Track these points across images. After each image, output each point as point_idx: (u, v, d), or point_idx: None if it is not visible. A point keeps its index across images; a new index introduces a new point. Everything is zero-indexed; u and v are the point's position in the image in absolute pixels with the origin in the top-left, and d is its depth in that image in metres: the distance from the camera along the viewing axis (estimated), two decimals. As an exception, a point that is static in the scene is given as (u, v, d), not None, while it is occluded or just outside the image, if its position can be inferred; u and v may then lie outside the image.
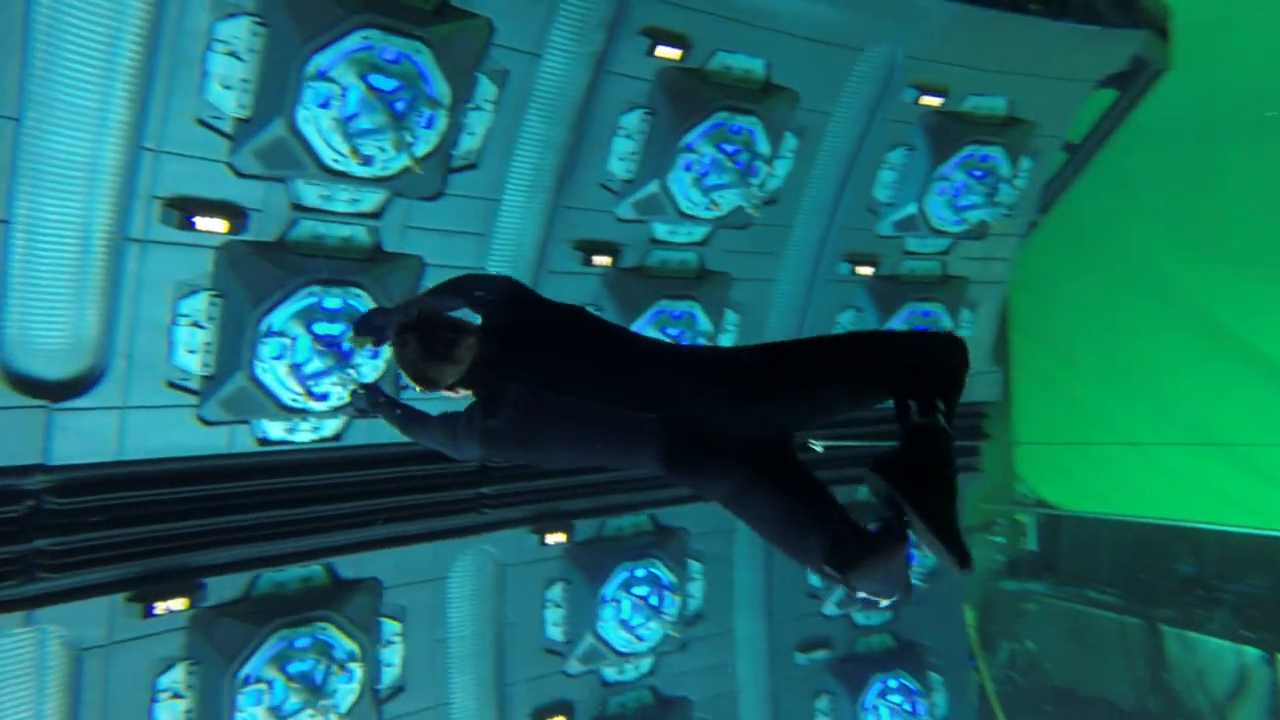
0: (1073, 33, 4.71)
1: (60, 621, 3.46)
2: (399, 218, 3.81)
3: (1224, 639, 9.33)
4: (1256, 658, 9.15)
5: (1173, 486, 8.85)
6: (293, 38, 3.07)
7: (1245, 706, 9.11)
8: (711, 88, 4.11)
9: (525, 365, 2.23)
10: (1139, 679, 9.79)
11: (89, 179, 3.13)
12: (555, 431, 2.25)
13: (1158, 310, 8.73)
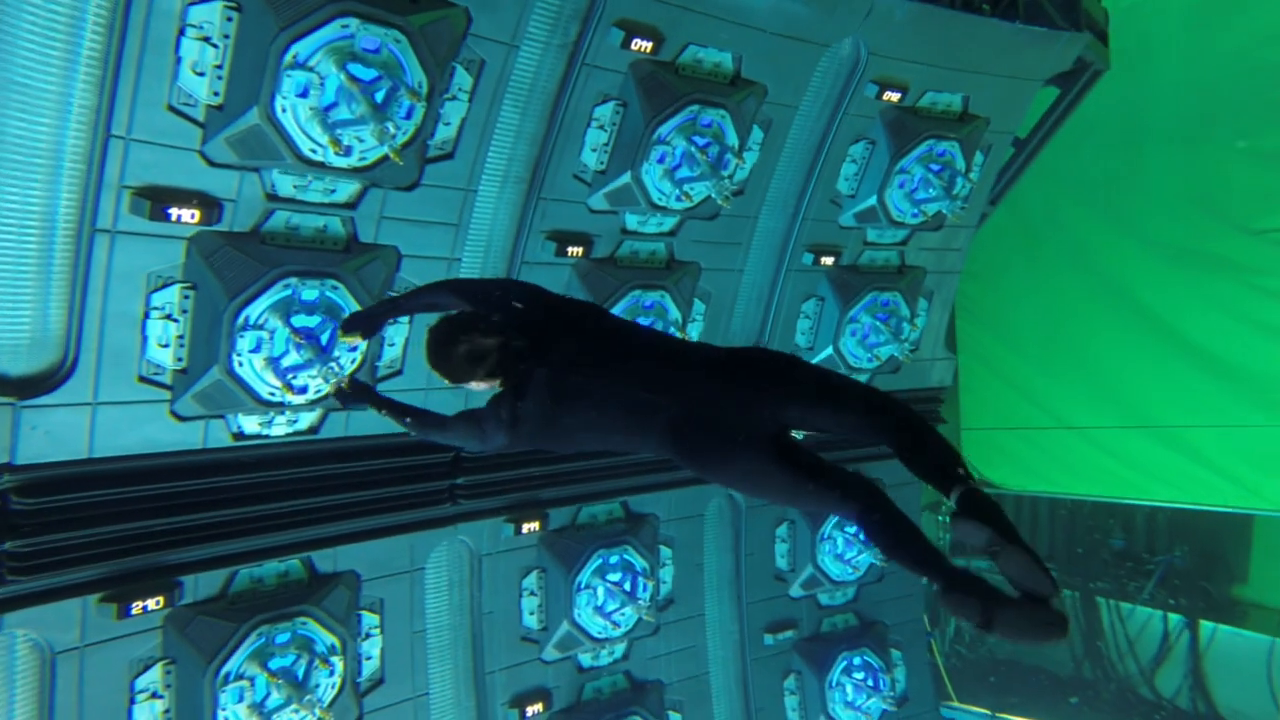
0: (1022, 34, 4.86)
1: (30, 625, 3.33)
2: (375, 208, 3.74)
3: (1152, 608, 9.78)
4: (1179, 623, 9.63)
5: (1107, 465, 9.25)
6: (269, 24, 2.98)
7: (1169, 668, 9.58)
8: (683, 81, 4.14)
9: (552, 355, 2.41)
10: (1075, 648, 10.18)
11: (54, 167, 3.01)
12: (579, 412, 2.42)
13: (1094, 298, 9.12)
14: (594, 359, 2.42)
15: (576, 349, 2.44)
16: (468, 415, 2.59)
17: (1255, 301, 8.46)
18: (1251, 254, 8.43)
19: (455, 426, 2.64)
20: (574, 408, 2.42)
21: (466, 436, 2.61)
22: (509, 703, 4.82)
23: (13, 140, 2.89)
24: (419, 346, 3.60)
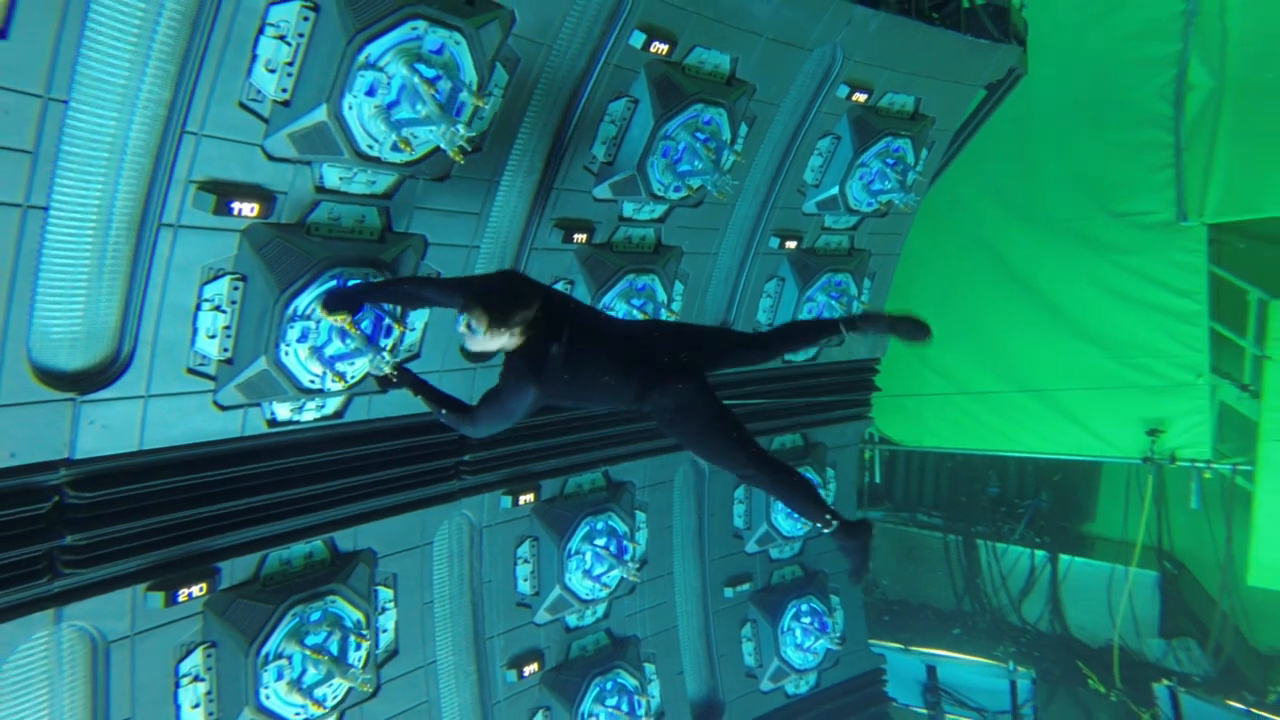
0: (968, 44, 5.50)
1: (86, 616, 3.38)
2: (409, 198, 3.90)
3: (1022, 546, 11.19)
4: (1043, 558, 11.08)
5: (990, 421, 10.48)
6: (346, 25, 3.09)
7: (1034, 598, 11.02)
8: (690, 80, 4.48)
9: (559, 333, 3.18)
10: (957, 586, 11.49)
11: (117, 161, 3.02)
12: (583, 379, 3.26)
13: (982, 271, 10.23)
14: (585, 339, 3.25)
15: (572, 331, 3.21)
16: (491, 395, 3.28)
17: (1117, 276, 9.78)
18: (1115, 234, 9.72)
19: (481, 410, 3.31)
20: (578, 375, 3.24)
21: (492, 414, 3.29)
22: (507, 664, 5.17)
23: (79, 134, 2.88)
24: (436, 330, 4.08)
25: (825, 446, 6.84)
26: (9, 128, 2.61)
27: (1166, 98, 9.49)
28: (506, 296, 3.12)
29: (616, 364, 3.33)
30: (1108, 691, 9.70)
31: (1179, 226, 9.54)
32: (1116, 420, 9.90)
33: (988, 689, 8.41)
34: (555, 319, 3.20)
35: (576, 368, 3.23)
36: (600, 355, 3.32)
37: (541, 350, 3.15)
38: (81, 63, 2.72)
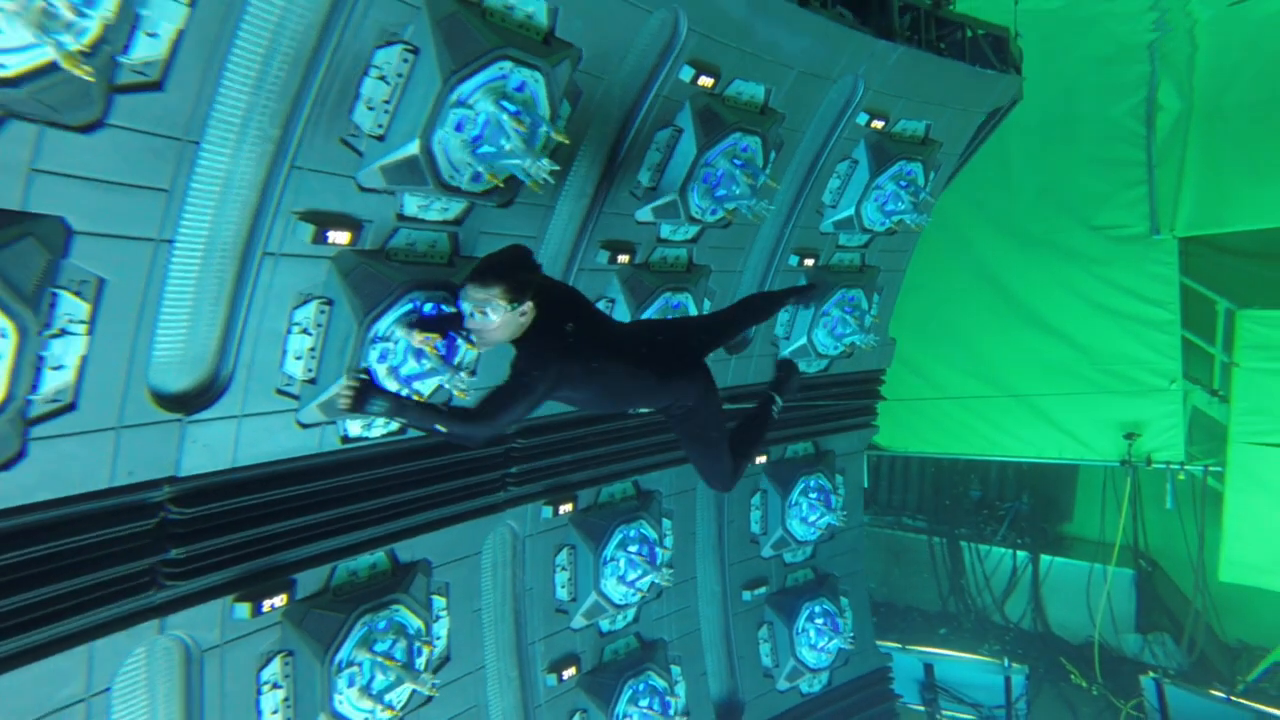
0: (975, 74, 5.90)
1: (183, 626, 3.55)
2: (476, 224, 4.14)
3: (1004, 547, 11.67)
4: (1025, 559, 11.58)
5: (975, 426, 10.97)
6: (442, 66, 3.34)
7: (1016, 597, 11.51)
8: (729, 110, 4.79)
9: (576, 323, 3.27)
10: (942, 587, 11.94)
11: (235, 195, 3.22)
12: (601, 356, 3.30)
13: (967, 282, 10.73)
14: (596, 324, 3.42)
15: (581, 313, 3.36)
16: (502, 389, 3.16)
17: (1094, 286, 10.35)
18: (1092, 246, 10.29)
19: (490, 407, 3.14)
20: (595, 361, 3.27)
21: (505, 407, 3.13)
22: (547, 669, 5.40)
23: (202, 172, 3.09)
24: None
25: (834, 454, 7.20)
26: (155, 169, 2.81)
27: (1138, 117, 10.09)
28: (514, 263, 3.11)
29: (632, 354, 3.41)
30: (1089, 686, 10.19)
31: (1152, 240, 10.15)
32: (1095, 425, 10.45)
33: (983, 685, 8.83)
34: (560, 299, 3.28)
35: (592, 353, 3.24)
36: (614, 343, 3.39)
37: (556, 328, 3.15)
38: (214, 107, 2.92)
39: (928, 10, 5.88)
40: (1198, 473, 10.10)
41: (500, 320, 3.05)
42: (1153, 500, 10.60)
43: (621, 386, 3.48)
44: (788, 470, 6.79)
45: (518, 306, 3.05)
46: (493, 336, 3.12)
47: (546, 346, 3.12)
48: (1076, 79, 10.11)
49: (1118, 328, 10.11)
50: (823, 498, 6.77)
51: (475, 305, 3.04)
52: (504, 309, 3.03)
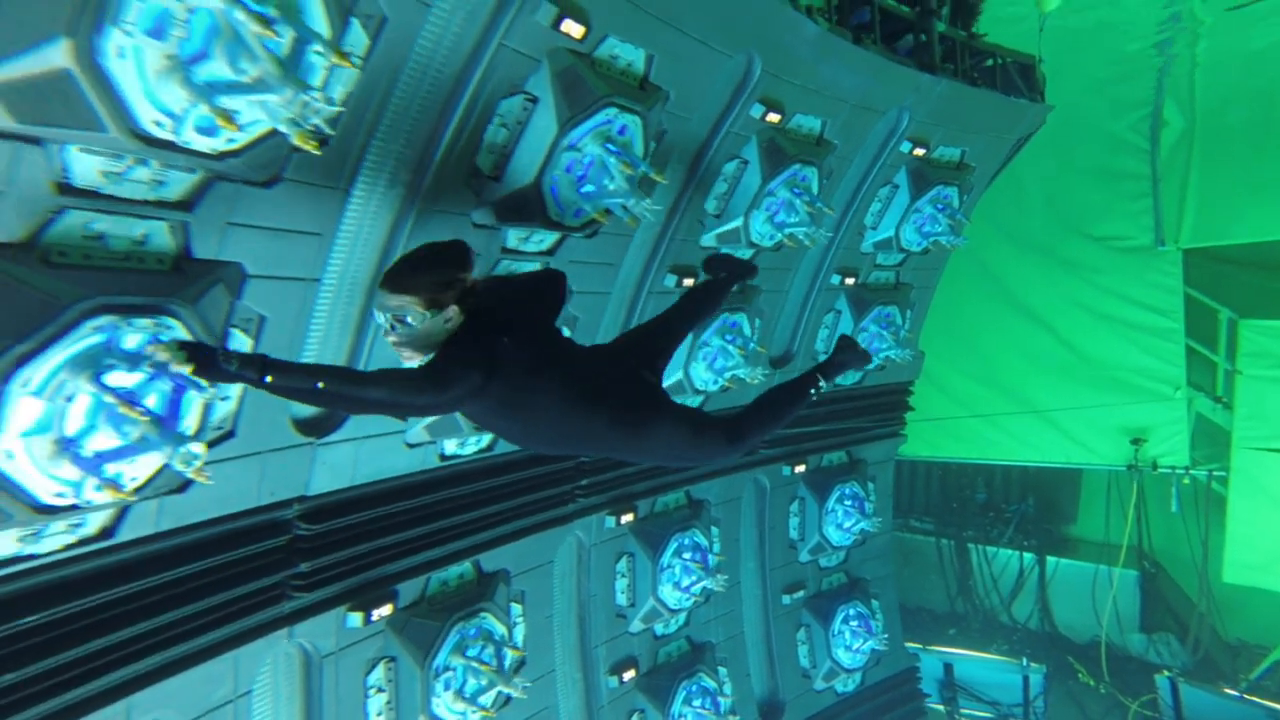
0: (1008, 102, 6.28)
1: (306, 635, 3.84)
2: (565, 255, 4.45)
3: (1010, 549, 12.09)
4: (1031, 560, 12.00)
5: (984, 432, 11.37)
6: (559, 114, 3.64)
7: (1023, 598, 11.92)
8: (791, 143, 5.13)
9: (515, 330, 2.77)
10: (950, 589, 12.33)
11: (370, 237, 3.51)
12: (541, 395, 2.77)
13: (981, 292, 11.14)
14: (541, 341, 2.84)
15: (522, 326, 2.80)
16: (409, 372, 2.59)
17: (1098, 296, 10.80)
18: (1094, 256, 10.74)
19: (386, 382, 2.55)
20: (535, 387, 2.72)
21: (404, 391, 2.55)
22: (609, 671, 5.72)
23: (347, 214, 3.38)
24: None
25: (867, 463, 7.56)
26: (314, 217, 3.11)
27: (1141, 133, 10.55)
28: (435, 257, 2.67)
29: (584, 384, 2.83)
30: (1097, 684, 10.61)
31: (1156, 251, 10.61)
32: (1101, 431, 10.89)
33: (1001, 684, 9.22)
34: (501, 309, 2.77)
35: (526, 375, 2.69)
36: (563, 370, 2.82)
37: (489, 340, 2.64)
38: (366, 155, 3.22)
39: (962, 41, 6.25)
40: (1202, 477, 10.58)
41: (422, 328, 2.61)
42: (1156, 503, 11.06)
43: (557, 426, 2.86)
44: (824, 478, 7.15)
45: (439, 313, 2.60)
46: (414, 346, 2.69)
47: (471, 354, 2.59)
48: (1081, 96, 10.53)
49: (1123, 336, 10.59)
50: (857, 505, 7.13)
51: (389, 314, 2.61)
52: (422, 315, 2.59)
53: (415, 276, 2.62)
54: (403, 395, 2.56)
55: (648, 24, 3.86)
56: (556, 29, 3.43)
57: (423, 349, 2.70)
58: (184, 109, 2.27)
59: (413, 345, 2.70)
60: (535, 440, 3.09)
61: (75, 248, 2.46)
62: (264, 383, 2.37)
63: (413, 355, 2.74)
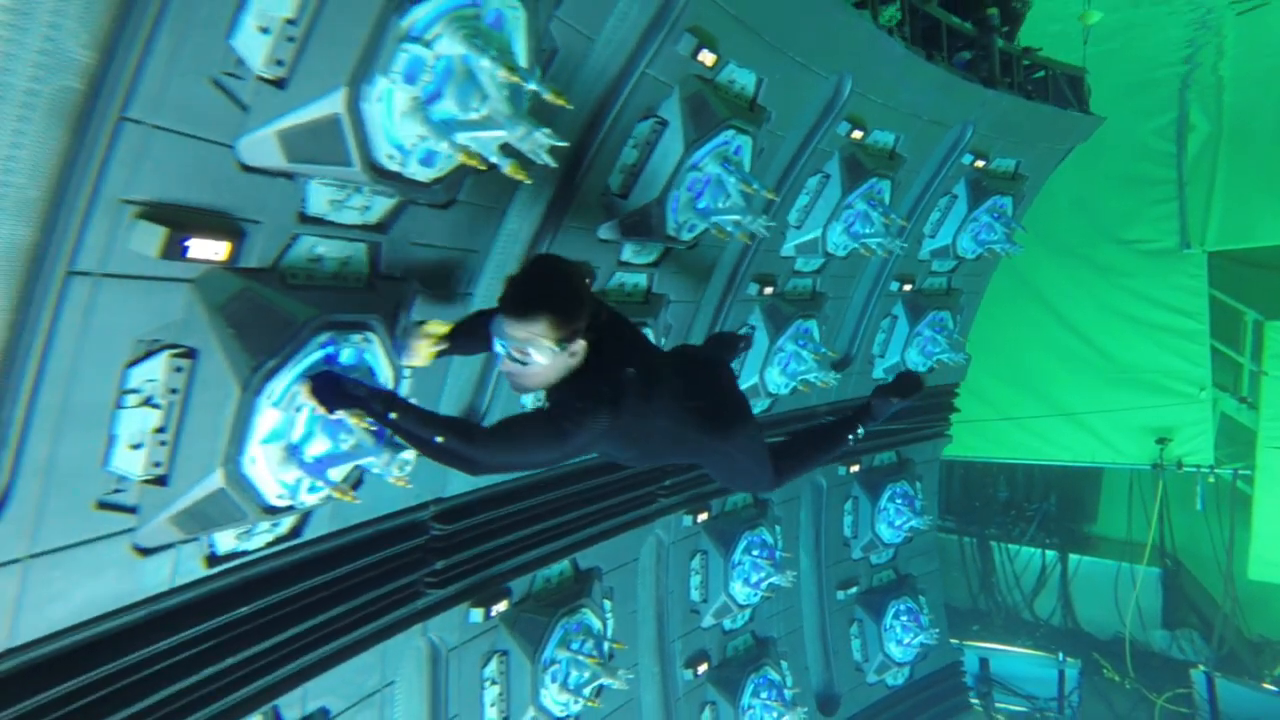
0: (1061, 114, 6.58)
1: (436, 630, 4.10)
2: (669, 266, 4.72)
3: (1032, 546, 12.42)
4: (1053, 558, 12.33)
5: (1013, 433, 11.69)
6: (685, 136, 3.91)
7: (1045, 595, 12.25)
8: (869, 158, 5.41)
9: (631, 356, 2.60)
10: (972, 585, 12.65)
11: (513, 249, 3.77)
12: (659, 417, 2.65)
13: (1007, 292, 11.46)
14: (653, 359, 2.71)
15: (635, 346, 2.67)
16: (526, 425, 2.40)
17: (1124, 298, 11.15)
18: (1121, 259, 11.08)
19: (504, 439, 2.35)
20: (652, 412, 2.58)
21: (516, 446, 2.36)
22: (684, 664, 6.00)
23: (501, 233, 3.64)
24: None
25: (914, 462, 7.87)
26: (475, 235, 3.36)
27: (1167, 138, 10.89)
28: (569, 282, 2.39)
29: (688, 395, 2.74)
30: (1122, 680, 10.94)
31: (1181, 253, 10.95)
32: (1128, 431, 11.24)
33: (1037, 678, 9.55)
34: (613, 331, 2.57)
35: (649, 405, 2.55)
36: (670, 391, 2.67)
37: (612, 373, 2.44)
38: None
39: (1017, 55, 6.54)
40: (1227, 476, 10.93)
41: (546, 364, 2.36)
42: (1178, 502, 11.41)
43: (668, 446, 2.83)
44: (876, 478, 7.45)
45: (567, 346, 2.36)
46: (531, 383, 2.44)
47: (597, 394, 2.38)
48: (1108, 102, 10.83)
49: (1149, 338, 10.94)
50: (908, 503, 7.44)
51: (515, 345, 2.33)
52: (550, 350, 2.33)
53: (549, 304, 2.31)
54: (527, 457, 2.41)
55: (762, 49, 4.13)
56: (694, 58, 3.69)
57: (542, 385, 2.45)
58: (413, 144, 2.52)
59: (533, 381, 2.43)
60: (642, 460, 3.06)
61: (302, 270, 2.72)
62: (387, 419, 2.34)
63: (528, 390, 2.49)
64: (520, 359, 2.36)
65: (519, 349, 2.34)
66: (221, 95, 2.18)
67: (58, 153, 1.92)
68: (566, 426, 2.34)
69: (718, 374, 3.28)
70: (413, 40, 2.32)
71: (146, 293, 2.28)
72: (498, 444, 2.35)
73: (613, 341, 2.51)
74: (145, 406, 2.43)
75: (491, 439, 2.36)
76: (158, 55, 1.97)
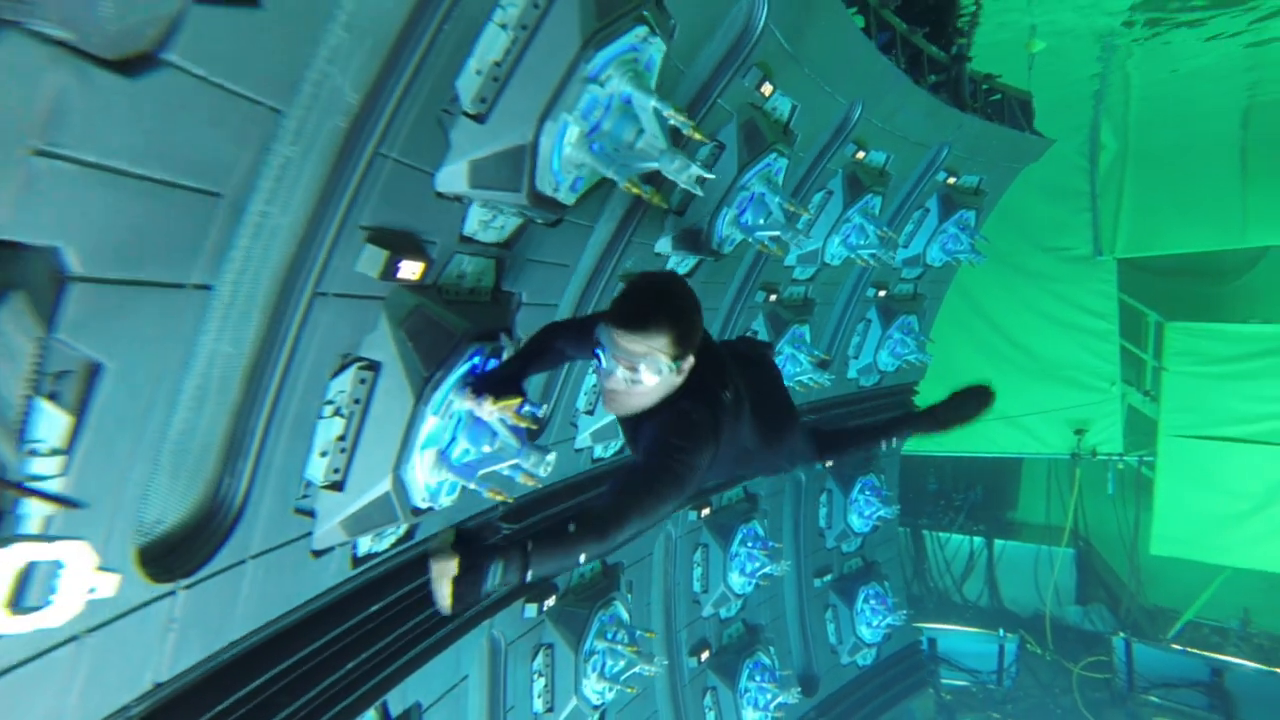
0: (1020, 136, 7.24)
1: (498, 626, 4.32)
2: (701, 276, 5.05)
3: (961, 534, 13.32)
4: (980, 544, 13.26)
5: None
6: (740, 159, 4.24)
7: (974, 579, 13.17)
8: (865, 175, 5.87)
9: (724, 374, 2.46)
10: (906, 572, 13.44)
11: (586, 265, 4.02)
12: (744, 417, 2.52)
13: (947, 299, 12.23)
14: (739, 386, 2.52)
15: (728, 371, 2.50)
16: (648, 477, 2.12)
17: (1046, 302, 12.11)
18: (1045, 266, 12.04)
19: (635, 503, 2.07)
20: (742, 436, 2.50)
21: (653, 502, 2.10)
22: (690, 652, 6.35)
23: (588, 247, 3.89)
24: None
25: (876, 455, 8.43)
26: (573, 250, 3.60)
27: (1084, 153, 11.89)
28: (682, 303, 2.23)
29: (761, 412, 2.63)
30: (1044, 653, 11.90)
31: (1095, 260, 12.00)
32: (1051, 424, 12.20)
33: (979, 654, 10.32)
34: (710, 350, 2.44)
35: (742, 425, 2.48)
36: (751, 399, 2.56)
37: (712, 393, 2.31)
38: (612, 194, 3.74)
39: (979, 81, 7.15)
40: (1133, 463, 12.05)
41: (655, 382, 2.19)
42: (1090, 488, 12.49)
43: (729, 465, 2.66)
44: (848, 471, 7.97)
45: (680, 363, 2.21)
46: (636, 402, 2.27)
47: (697, 427, 2.21)
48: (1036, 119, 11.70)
49: (1068, 338, 11.96)
50: (876, 494, 7.99)
51: (629, 359, 2.17)
52: (666, 365, 2.18)
53: (671, 318, 2.16)
54: (657, 513, 2.11)
55: (803, 80, 4.50)
56: (757, 88, 4.03)
57: (645, 405, 2.27)
58: (570, 172, 2.77)
59: (637, 400, 2.26)
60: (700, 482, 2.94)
61: (451, 286, 2.92)
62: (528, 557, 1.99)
63: (627, 409, 2.31)
64: (631, 375, 2.18)
65: (631, 363, 2.16)
66: (438, 129, 2.38)
67: (319, 183, 2.07)
68: (680, 471, 2.11)
69: (774, 379, 3.18)
70: (592, 80, 2.56)
71: (358, 310, 2.44)
72: (623, 514, 2.05)
73: (706, 359, 2.34)
74: (336, 416, 2.60)
75: (615, 513, 2.04)
76: (412, 96, 2.15)
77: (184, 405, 1.90)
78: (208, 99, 1.54)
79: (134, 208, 1.48)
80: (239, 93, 1.63)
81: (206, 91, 1.50)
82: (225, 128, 1.60)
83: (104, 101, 1.34)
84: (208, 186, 1.64)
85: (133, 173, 1.46)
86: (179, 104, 1.44)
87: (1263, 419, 10.80)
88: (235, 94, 1.62)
